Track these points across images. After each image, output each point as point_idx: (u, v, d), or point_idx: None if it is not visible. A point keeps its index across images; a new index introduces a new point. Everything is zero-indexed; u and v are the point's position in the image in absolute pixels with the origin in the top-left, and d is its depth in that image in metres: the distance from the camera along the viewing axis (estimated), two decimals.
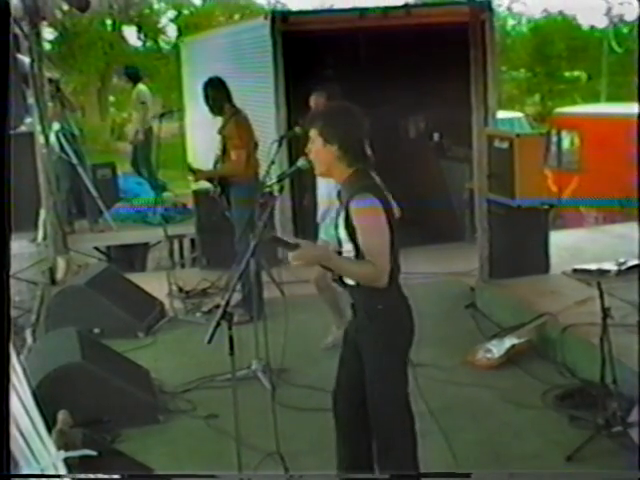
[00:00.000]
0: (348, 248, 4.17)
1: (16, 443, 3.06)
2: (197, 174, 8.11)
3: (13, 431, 3.01)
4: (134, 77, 13.96)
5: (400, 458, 4.32)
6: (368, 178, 4.25)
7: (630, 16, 29.21)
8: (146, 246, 11.71)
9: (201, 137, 13.29)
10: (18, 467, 3.02)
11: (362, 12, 10.39)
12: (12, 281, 9.18)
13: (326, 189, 6.43)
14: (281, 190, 4.49)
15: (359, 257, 4.13)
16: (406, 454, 4.34)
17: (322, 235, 6.81)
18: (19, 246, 10.09)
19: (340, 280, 4.27)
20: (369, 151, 4.29)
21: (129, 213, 11.85)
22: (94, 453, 3.96)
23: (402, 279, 4.30)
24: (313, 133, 4.24)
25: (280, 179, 4.53)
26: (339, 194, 4.32)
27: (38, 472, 3.13)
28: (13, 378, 3.08)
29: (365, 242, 4.09)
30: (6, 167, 2.96)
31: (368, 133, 4.28)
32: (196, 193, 10.06)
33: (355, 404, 4.43)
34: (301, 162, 4.37)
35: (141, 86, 13.75)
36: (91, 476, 3.36)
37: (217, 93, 7.92)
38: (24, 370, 5.86)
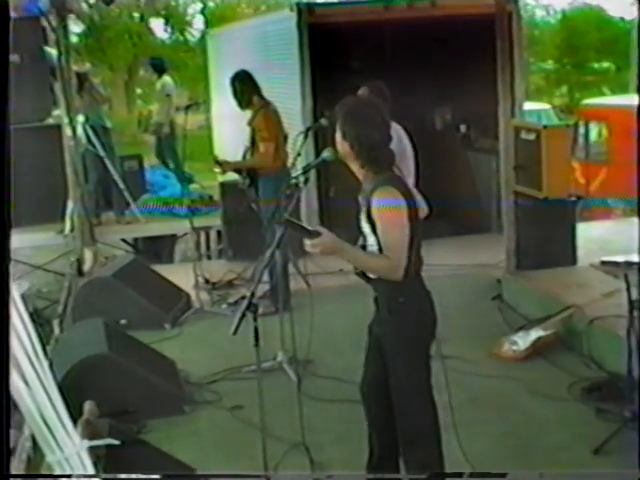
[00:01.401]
0: (370, 242, 4.17)
1: (40, 432, 3.08)
2: (224, 166, 8.11)
3: (37, 420, 3.03)
4: (159, 68, 13.97)
5: (424, 451, 4.31)
6: (387, 172, 4.23)
7: None
8: (173, 238, 11.74)
9: (228, 129, 13.31)
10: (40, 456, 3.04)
11: (387, 3, 10.37)
12: (40, 272, 9.32)
13: None
14: (306, 181, 4.49)
15: (381, 251, 4.13)
16: (430, 447, 4.33)
17: None
18: (47, 238, 10.16)
19: (363, 273, 4.26)
20: (388, 152, 4.25)
21: (156, 205, 11.87)
22: (117, 442, 3.97)
23: (428, 271, 4.30)
24: (337, 124, 4.25)
25: (305, 170, 4.53)
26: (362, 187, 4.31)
27: (62, 460, 3.15)
28: (38, 369, 3.10)
29: (383, 236, 4.08)
30: (6, 163, 2.97)
31: (389, 136, 4.24)
32: (223, 185, 10.08)
33: (382, 398, 4.43)
34: (326, 154, 4.37)
35: (166, 78, 13.76)
36: (133, 476, 3.37)
37: (244, 86, 7.91)
38: (50, 362, 5.91)
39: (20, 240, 8.60)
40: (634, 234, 9.27)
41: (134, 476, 3.37)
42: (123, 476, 3.48)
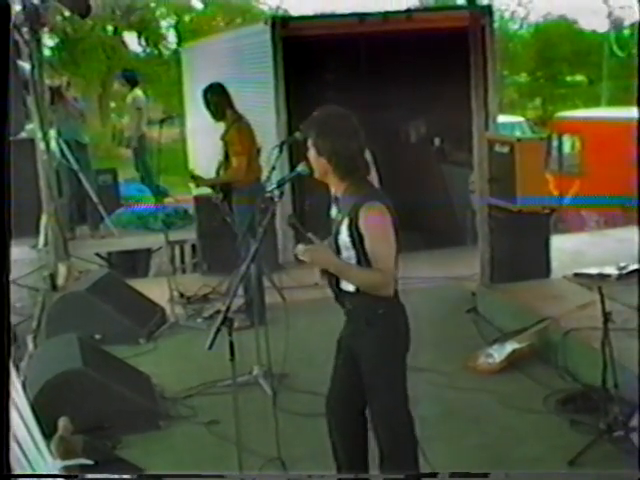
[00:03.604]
0: (346, 255, 4.17)
1: (13, 453, 3.05)
2: (198, 181, 8.11)
3: (10, 441, 3.00)
4: (132, 80, 13.93)
5: (402, 461, 4.32)
6: (369, 186, 4.25)
7: (631, 20, 29.26)
8: (149, 251, 11.69)
9: (202, 142, 13.30)
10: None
11: (362, 17, 10.39)
12: (13, 287, 9.15)
13: None
14: (281, 195, 4.49)
15: (360, 264, 4.13)
16: (407, 457, 4.35)
17: None
18: (20, 252, 10.09)
19: (337, 286, 4.26)
20: (364, 161, 4.27)
21: (131, 219, 11.85)
22: (91, 462, 3.95)
23: (403, 284, 4.32)
24: (309, 141, 4.25)
25: (280, 184, 4.52)
26: (336, 200, 4.31)
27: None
28: (10, 388, 3.07)
29: (374, 249, 4.08)
30: (6, 171, 2.92)
31: (362, 145, 4.24)
32: (197, 199, 10.06)
33: (350, 410, 4.46)
34: (301, 167, 4.36)
35: (137, 91, 13.73)
36: (101, 476, 3.35)
37: (218, 98, 7.90)
38: (25, 378, 5.88)
39: None
40: (608, 246, 9.39)
41: (102, 476, 3.35)
42: (97, 476, 3.46)
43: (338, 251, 4.20)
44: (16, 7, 9.04)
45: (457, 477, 4.05)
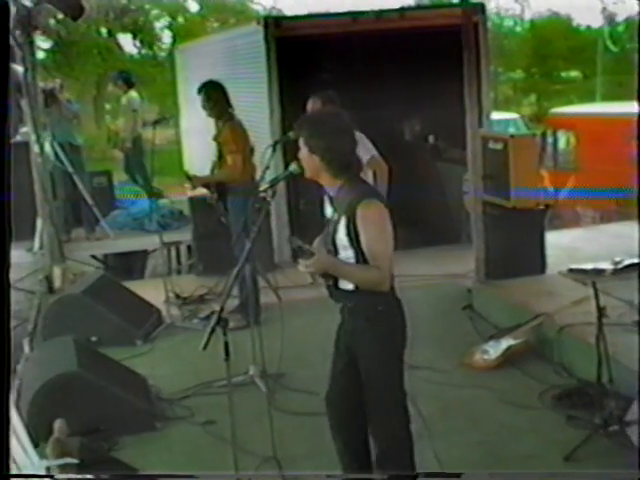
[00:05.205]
0: (344, 255, 4.18)
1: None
2: (194, 181, 8.10)
3: None
4: (128, 82, 13.89)
5: (398, 458, 4.34)
6: (363, 183, 4.26)
7: (625, 15, 29.34)
8: (145, 253, 11.69)
9: (197, 143, 13.30)
10: None
11: (355, 16, 10.40)
12: (10, 291, 9.14)
13: None
14: (274, 195, 4.49)
15: (359, 262, 4.14)
16: (404, 454, 4.36)
17: None
18: (16, 255, 10.04)
19: (334, 286, 4.27)
20: (356, 159, 4.28)
21: (126, 220, 11.85)
22: (76, 461, 3.95)
23: (399, 282, 4.32)
24: (301, 140, 4.26)
25: (272, 184, 4.52)
26: (331, 200, 4.31)
27: None
28: None
29: (372, 247, 4.09)
30: (6, 173, 2.92)
31: (355, 142, 4.27)
32: (192, 200, 10.06)
33: (350, 407, 4.46)
34: (293, 167, 4.36)
35: (132, 93, 13.69)
36: (78, 476, 3.36)
37: (217, 95, 7.87)
38: (21, 381, 5.88)
39: None
40: (603, 242, 9.40)
41: (79, 476, 3.35)
42: (72, 476, 3.46)
43: (335, 250, 4.21)
44: None
45: (431, 477, 4.08)
